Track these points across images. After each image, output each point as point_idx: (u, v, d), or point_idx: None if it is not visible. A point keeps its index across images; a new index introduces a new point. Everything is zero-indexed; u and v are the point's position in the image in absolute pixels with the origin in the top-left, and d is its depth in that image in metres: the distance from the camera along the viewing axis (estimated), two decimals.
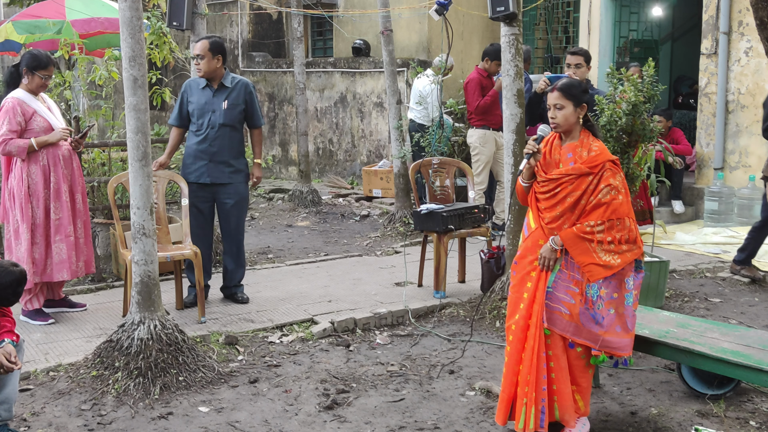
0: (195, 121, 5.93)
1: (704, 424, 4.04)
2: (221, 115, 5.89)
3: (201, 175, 5.90)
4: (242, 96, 5.96)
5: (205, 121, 5.88)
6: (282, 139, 13.29)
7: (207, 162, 5.90)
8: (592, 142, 3.90)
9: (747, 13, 8.62)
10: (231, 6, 13.59)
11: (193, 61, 5.96)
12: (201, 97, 5.91)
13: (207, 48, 5.77)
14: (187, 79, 6.37)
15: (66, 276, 5.65)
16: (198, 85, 5.94)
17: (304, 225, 9.58)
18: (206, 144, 5.89)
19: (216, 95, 5.90)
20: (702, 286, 6.60)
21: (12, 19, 8.72)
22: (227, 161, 5.94)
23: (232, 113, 5.93)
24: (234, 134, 5.97)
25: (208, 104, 5.88)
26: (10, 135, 5.42)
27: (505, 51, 5.82)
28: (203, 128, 5.89)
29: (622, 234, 3.77)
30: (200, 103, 5.90)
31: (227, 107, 5.90)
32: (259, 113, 6.12)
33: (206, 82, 5.91)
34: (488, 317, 5.67)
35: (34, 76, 5.53)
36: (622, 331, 3.81)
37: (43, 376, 4.67)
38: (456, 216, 6.27)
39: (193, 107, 5.92)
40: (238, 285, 6.16)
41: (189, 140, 5.98)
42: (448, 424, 4.11)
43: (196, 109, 5.91)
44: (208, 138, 5.89)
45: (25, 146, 5.44)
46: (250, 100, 6.01)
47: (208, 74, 5.85)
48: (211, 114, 5.88)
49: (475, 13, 11.05)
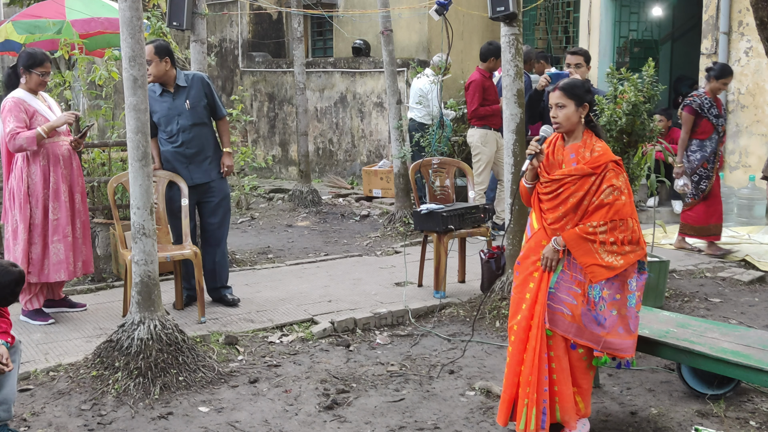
0: (164, 128, 5.87)
1: (704, 424, 4.04)
2: (188, 117, 5.86)
3: (185, 178, 5.89)
4: (201, 91, 5.93)
5: (174, 127, 5.85)
6: (282, 139, 13.29)
7: (188, 164, 5.90)
8: (595, 143, 3.89)
9: (747, 13, 8.62)
10: (231, 6, 13.59)
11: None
12: (161, 104, 5.84)
13: (153, 52, 5.67)
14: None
15: (63, 276, 5.64)
16: (154, 93, 5.83)
17: (304, 225, 9.58)
18: (182, 148, 5.87)
19: (176, 98, 5.85)
20: (702, 286, 6.60)
21: (12, 19, 8.72)
22: (206, 157, 5.94)
23: (197, 111, 5.90)
24: (205, 130, 5.96)
25: (171, 110, 5.84)
26: (17, 129, 5.40)
27: (505, 51, 5.82)
28: (174, 133, 5.86)
29: (624, 235, 3.75)
30: (163, 111, 5.84)
31: (191, 107, 5.86)
32: (221, 103, 6.11)
33: (162, 87, 5.84)
34: (488, 317, 5.67)
35: (31, 74, 5.52)
36: (625, 332, 3.80)
37: (43, 376, 4.67)
38: (456, 216, 6.27)
39: (158, 116, 5.84)
40: (226, 286, 6.12)
41: (163, 146, 5.92)
42: (448, 424, 4.11)
43: (161, 118, 5.85)
44: (183, 142, 5.87)
45: (34, 136, 5.40)
46: (209, 93, 5.98)
47: (159, 78, 5.78)
48: (178, 118, 5.84)
49: (475, 13, 11.05)
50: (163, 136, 5.91)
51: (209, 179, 5.97)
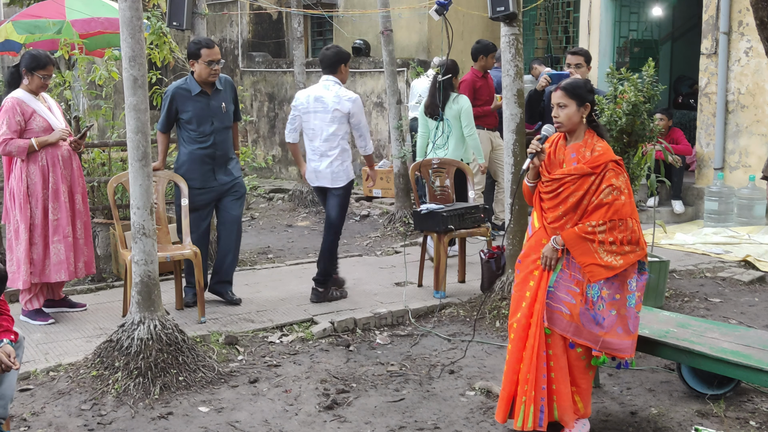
0: (195, 128, 5.84)
1: (704, 424, 4.04)
2: (221, 119, 5.91)
3: (208, 179, 5.91)
4: (230, 94, 6.01)
5: (207, 128, 5.85)
6: (282, 139, 13.27)
7: (212, 166, 5.91)
8: (596, 143, 3.89)
9: (747, 13, 8.61)
10: (231, 6, 13.59)
11: (211, 66, 5.77)
12: (195, 104, 5.83)
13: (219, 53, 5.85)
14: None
15: (64, 277, 5.64)
16: (189, 92, 5.82)
17: (304, 225, 9.58)
18: (212, 149, 5.89)
19: (212, 100, 5.88)
20: (702, 286, 6.60)
21: (12, 19, 8.72)
22: (229, 158, 6.02)
23: (228, 114, 5.98)
24: (230, 133, 6.06)
25: (206, 111, 5.84)
26: (10, 135, 5.42)
27: (505, 51, 5.82)
28: (206, 134, 5.85)
29: (624, 235, 3.76)
30: (197, 111, 5.82)
31: (225, 110, 5.93)
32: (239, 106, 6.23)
33: (200, 88, 5.83)
34: (488, 317, 5.67)
35: (33, 76, 5.53)
36: (624, 332, 3.79)
37: (43, 376, 4.67)
38: (456, 216, 6.27)
39: (189, 115, 5.82)
40: (230, 282, 6.15)
41: (189, 145, 5.88)
42: (448, 424, 4.11)
43: (194, 117, 5.82)
44: (214, 144, 5.89)
45: (26, 146, 5.45)
46: (235, 97, 6.08)
47: (211, 79, 5.83)
48: (213, 119, 5.86)
49: (475, 13, 11.05)
50: (191, 136, 5.86)
51: (232, 177, 6.03)
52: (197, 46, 5.77)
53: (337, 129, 6.03)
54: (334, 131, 6.03)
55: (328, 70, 6.18)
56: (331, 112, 6.01)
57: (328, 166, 6.05)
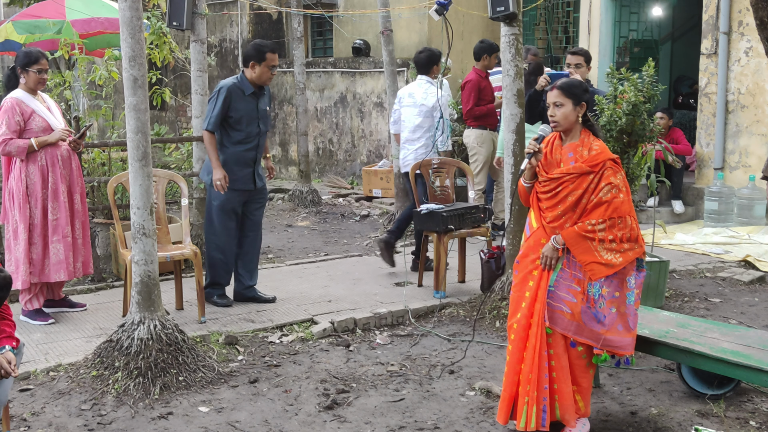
0: (243, 128, 5.80)
1: (704, 424, 4.04)
2: (265, 121, 5.94)
3: (248, 182, 5.90)
4: (269, 97, 6.05)
5: (254, 129, 5.85)
6: (282, 139, 13.29)
7: (252, 168, 5.91)
8: (592, 142, 3.92)
9: (747, 13, 8.61)
10: (231, 6, 13.59)
11: (272, 70, 5.77)
12: (247, 104, 5.81)
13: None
14: (187, 79, 6.36)
15: (63, 276, 5.64)
16: (243, 91, 5.78)
17: (304, 225, 9.58)
18: (254, 151, 5.89)
19: (260, 101, 5.89)
20: (702, 286, 6.60)
21: (12, 19, 8.73)
22: (259, 161, 6.04)
23: (270, 118, 6.05)
24: (266, 136, 6.08)
25: (254, 111, 5.84)
26: (9, 135, 5.42)
27: (505, 51, 5.82)
28: (252, 135, 5.85)
29: (623, 232, 3.77)
30: (246, 111, 5.80)
31: (268, 112, 5.98)
32: None
33: (253, 88, 5.80)
34: (488, 317, 5.67)
35: (29, 72, 5.53)
36: (624, 330, 3.81)
37: (43, 376, 4.67)
38: (456, 216, 6.27)
39: (240, 114, 5.77)
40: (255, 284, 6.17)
41: (232, 147, 5.82)
42: (448, 424, 4.11)
43: (243, 117, 5.79)
44: (257, 145, 5.90)
45: (25, 146, 5.45)
46: (270, 100, 6.10)
47: (266, 81, 5.85)
48: (258, 121, 5.87)
49: (475, 13, 11.05)
50: (236, 137, 5.81)
51: (263, 183, 6.06)
52: (264, 49, 5.74)
53: (422, 121, 7.03)
54: (420, 123, 7.04)
55: (422, 71, 7.15)
56: (419, 106, 7.02)
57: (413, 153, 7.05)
